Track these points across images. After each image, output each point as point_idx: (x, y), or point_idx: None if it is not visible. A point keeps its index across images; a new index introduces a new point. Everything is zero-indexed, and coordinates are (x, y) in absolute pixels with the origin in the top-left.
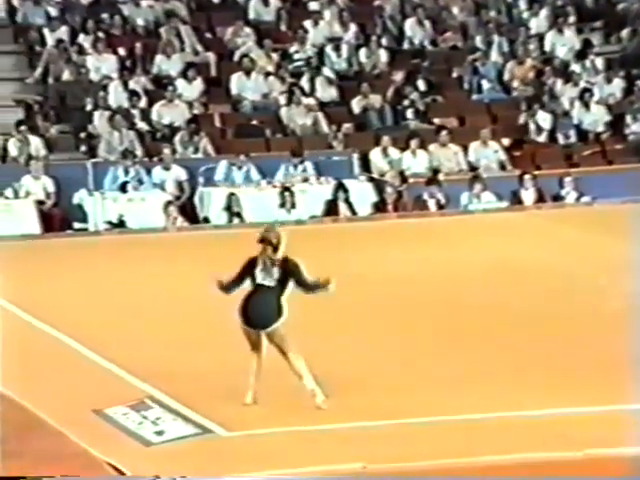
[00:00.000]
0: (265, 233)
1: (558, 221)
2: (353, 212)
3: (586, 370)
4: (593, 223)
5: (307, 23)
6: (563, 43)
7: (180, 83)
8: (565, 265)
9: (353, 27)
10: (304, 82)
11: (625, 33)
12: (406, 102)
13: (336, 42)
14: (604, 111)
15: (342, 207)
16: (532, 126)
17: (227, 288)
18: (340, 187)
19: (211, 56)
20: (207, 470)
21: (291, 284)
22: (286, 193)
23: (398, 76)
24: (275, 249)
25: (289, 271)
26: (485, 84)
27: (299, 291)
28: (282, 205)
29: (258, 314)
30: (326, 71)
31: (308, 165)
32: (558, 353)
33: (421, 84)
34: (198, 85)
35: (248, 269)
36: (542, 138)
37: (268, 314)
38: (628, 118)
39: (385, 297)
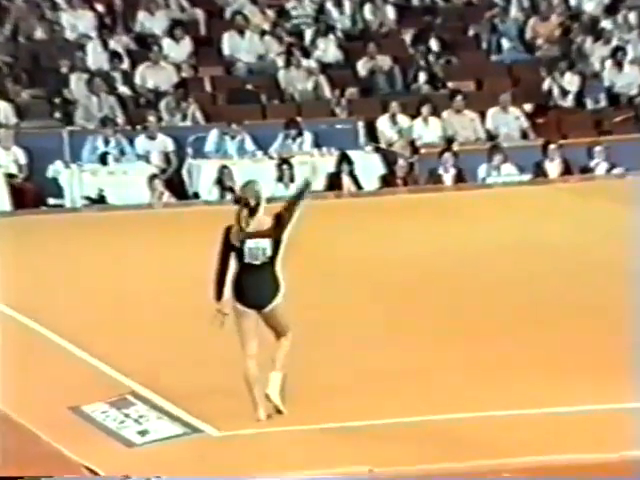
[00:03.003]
0: (241, 191)
1: (587, 196)
2: (358, 186)
3: (617, 362)
4: (626, 197)
5: None
6: None
7: (166, 43)
8: (594, 245)
9: None
10: (307, 41)
11: None
12: (419, 64)
13: None
14: (638, 72)
15: (346, 181)
16: (557, 90)
17: (218, 285)
18: (344, 159)
19: (200, 13)
20: (197, 474)
21: (282, 248)
22: (284, 166)
23: (408, 35)
24: (252, 212)
25: (282, 227)
26: (505, 43)
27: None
28: (280, 179)
29: (255, 292)
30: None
31: (307, 137)
32: (586, 342)
33: (434, 44)
34: (186, 45)
35: (228, 246)
36: (569, 103)
37: (265, 291)
38: None
39: (393, 281)
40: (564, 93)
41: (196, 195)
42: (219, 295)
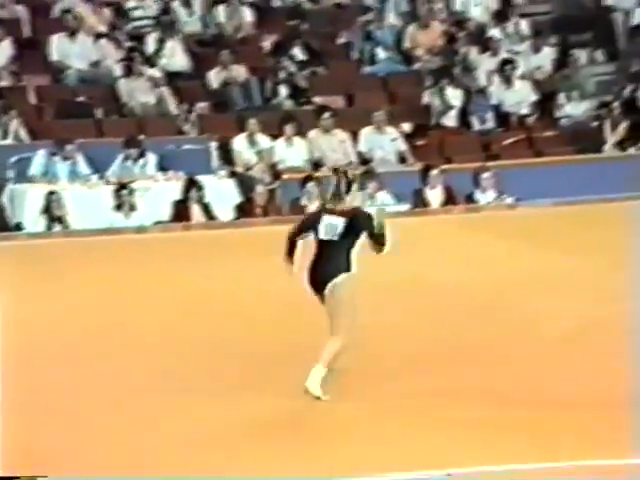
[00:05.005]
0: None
1: (473, 228)
2: (210, 217)
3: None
4: (517, 231)
5: None
6: (478, 1)
7: None
8: (483, 284)
9: None
10: (150, 46)
11: None
12: (280, 75)
13: None
14: (530, 88)
15: (195, 210)
16: (439, 106)
17: (291, 241)
18: (192, 184)
19: (22, 10)
20: None
21: (362, 237)
22: (123, 191)
23: (268, 42)
24: (341, 189)
25: (359, 223)
26: (380, 53)
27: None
28: (118, 207)
29: (321, 272)
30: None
31: (150, 159)
32: (491, 391)
33: (299, 52)
34: (6, 48)
35: (312, 221)
36: (452, 122)
37: (330, 270)
38: (561, 97)
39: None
40: (446, 110)
41: (18, 227)
42: (290, 253)
